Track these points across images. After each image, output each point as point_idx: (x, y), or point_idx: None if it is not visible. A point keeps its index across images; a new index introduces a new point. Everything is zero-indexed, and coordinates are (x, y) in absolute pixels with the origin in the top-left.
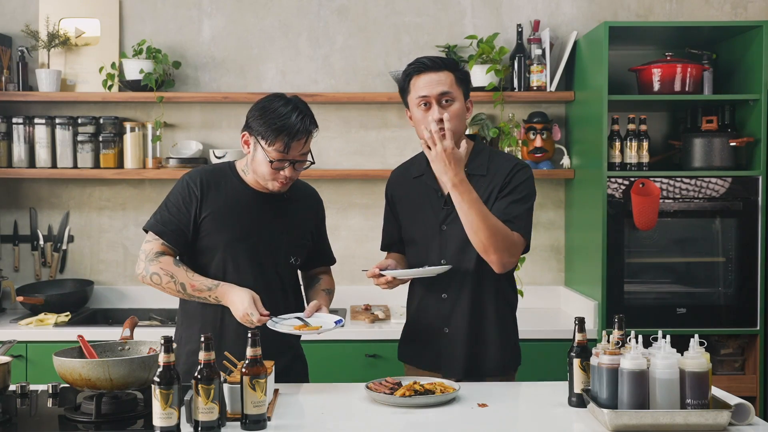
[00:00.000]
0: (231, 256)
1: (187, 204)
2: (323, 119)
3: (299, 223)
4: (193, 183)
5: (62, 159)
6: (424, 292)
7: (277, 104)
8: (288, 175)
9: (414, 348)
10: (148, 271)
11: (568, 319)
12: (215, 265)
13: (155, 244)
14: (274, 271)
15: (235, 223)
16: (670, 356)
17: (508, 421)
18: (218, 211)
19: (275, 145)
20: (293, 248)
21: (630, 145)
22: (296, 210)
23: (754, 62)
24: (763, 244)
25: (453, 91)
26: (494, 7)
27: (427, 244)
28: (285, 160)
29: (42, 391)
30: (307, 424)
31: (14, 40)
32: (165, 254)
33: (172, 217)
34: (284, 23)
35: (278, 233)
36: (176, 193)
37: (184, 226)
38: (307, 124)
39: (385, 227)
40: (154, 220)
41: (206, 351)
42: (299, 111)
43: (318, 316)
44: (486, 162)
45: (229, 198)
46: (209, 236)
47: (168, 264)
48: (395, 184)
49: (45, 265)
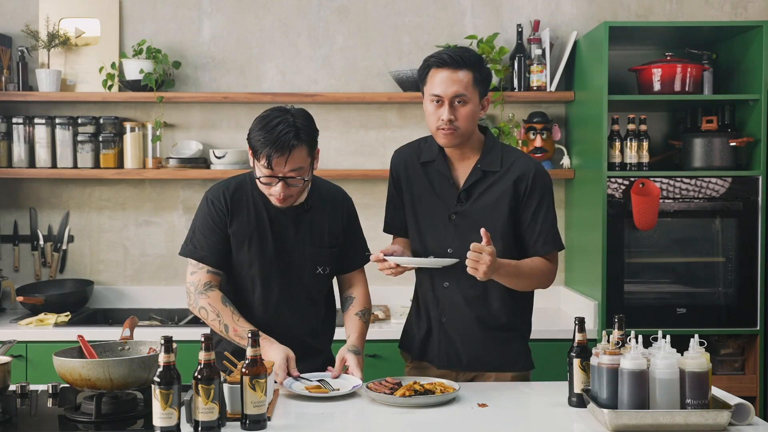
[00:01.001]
0: (256, 272)
1: (218, 223)
2: (323, 119)
3: (323, 233)
4: (218, 201)
5: (62, 159)
6: (427, 279)
7: (271, 116)
8: (279, 191)
9: (410, 337)
10: (198, 303)
11: (568, 319)
12: (243, 283)
13: (201, 274)
14: (300, 284)
15: (259, 238)
16: (670, 356)
17: (508, 421)
18: (241, 229)
19: (261, 161)
20: (318, 259)
21: (630, 145)
22: (319, 219)
23: (754, 62)
24: (763, 244)
25: (467, 93)
26: (494, 7)
27: (434, 233)
28: (272, 177)
29: (42, 391)
30: (307, 424)
31: (14, 40)
32: (213, 286)
33: (208, 239)
34: (284, 23)
35: (301, 246)
36: (204, 215)
37: (222, 246)
38: (288, 139)
39: (389, 208)
40: (192, 246)
41: (206, 351)
42: (287, 125)
43: (341, 377)
44: (499, 158)
45: (251, 214)
46: (236, 253)
47: (216, 301)
48: (402, 164)
49: (45, 265)
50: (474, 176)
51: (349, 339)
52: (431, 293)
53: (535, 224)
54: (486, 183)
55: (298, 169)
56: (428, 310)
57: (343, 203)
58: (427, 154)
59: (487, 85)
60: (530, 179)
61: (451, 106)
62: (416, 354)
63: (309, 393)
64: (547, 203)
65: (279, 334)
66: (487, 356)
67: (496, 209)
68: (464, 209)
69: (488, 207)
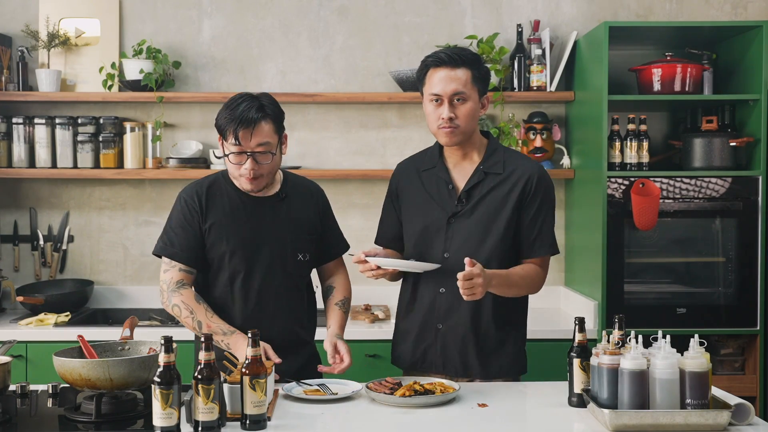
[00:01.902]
0: (237, 263)
1: (190, 220)
2: (323, 119)
3: (301, 220)
4: (191, 198)
5: (62, 159)
6: (420, 285)
7: (235, 98)
8: (249, 168)
9: (403, 345)
10: (171, 301)
11: (568, 319)
12: (224, 275)
13: (173, 272)
14: (283, 272)
15: (236, 230)
16: (670, 356)
17: (508, 421)
18: (218, 222)
19: (229, 139)
20: (298, 245)
21: (630, 145)
22: (295, 207)
23: (754, 62)
24: (763, 244)
25: (466, 91)
26: (494, 7)
27: (432, 237)
28: (242, 153)
29: (42, 391)
30: (307, 424)
31: (14, 40)
32: (185, 284)
33: (180, 237)
34: (284, 23)
35: (281, 233)
36: (177, 213)
37: (194, 243)
38: (252, 113)
39: (384, 220)
40: (162, 244)
41: (206, 351)
42: (249, 101)
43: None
44: (501, 160)
45: (227, 207)
46: (213, 248)
47: (189, 298)
48: (402, 176)
49: (45, 265)
50: (476, 178)
51: (331, 328)
52: (426, 300)
53: (534, 226)
54: (487, 185)
55: (266, 143)
56: (425, 316)
57: (317, 194)
58: (428, 162)
59: (486, 83)
60: (534, 183)
61: (451, 105)
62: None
63: (308, 396)
64: (547, 207)
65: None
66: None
67: (497, 214)
68: (463, 212)
69: (488, 211)
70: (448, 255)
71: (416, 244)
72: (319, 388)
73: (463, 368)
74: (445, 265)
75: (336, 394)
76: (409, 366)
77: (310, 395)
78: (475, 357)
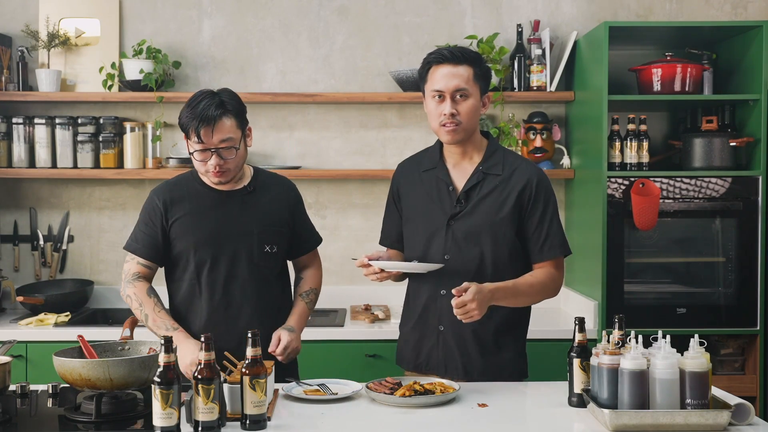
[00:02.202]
0: (203, 256)
1: (153, 218)
2: (323, 119)
3: (269, 213)
4: (156, 197)
5: (62, 159)
6: (421, 287)
7: (194, 97)
8: (214, 164)
9: (406, 347)
10: (125, 291)
11: (568, 319)
12: (191, 268)
13: (132, 264)
14: (250, 263)
15: (201, 223)
16: (670, 356)
17: (508, 421)
18: (184, 217)
19: (192, 137)
20: (266, 237)
21: (630, 145)
22: (264, 200)
23: (754, 62)
24: (763, 244)
25: (468, 87)
26: (494, 7)
27: (432, 238)
28: (206, 150)
29: (42, 391)
30: (307, 424)
31: (14, 40)
32: (141, 276)
33: (143, 233)
34: (284, 23)
35: (247, 225)
36: (144, 210)
37: (154, 239)
38: (212, 110)
39: (386, 221)
40: (129, 240)
41: (206, 351)
42: (209, 98)
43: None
44: (501, 161)
45: (193, 202)
46: (179, 241)
47: (141, 291)
48: (402, 176)
49: (45, 265)
50: (475, 178)
51: (288, 319)
52: (427, 302)
53: (541, 230)
54: (486, 187)
55: (228, 139)
56: (426, 318)
57: (290, 190)
58: (428, 162)
59: (487, 82)
60: (534, 186)
61: (453, 101)
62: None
63: (308, 396)
64: (551, 209)
65: (231, 316)
66: (484, 365)
67: (496, 214)
68: (463, 213)
69: (487, 212)
70: (449, 257)
71: (417, 245)
72: (319, 388)
73: (464, 371)
74: (446, 266)
75: (336, 394)
76: (413, 368)
77: (310, 395)
78: (477, 359)
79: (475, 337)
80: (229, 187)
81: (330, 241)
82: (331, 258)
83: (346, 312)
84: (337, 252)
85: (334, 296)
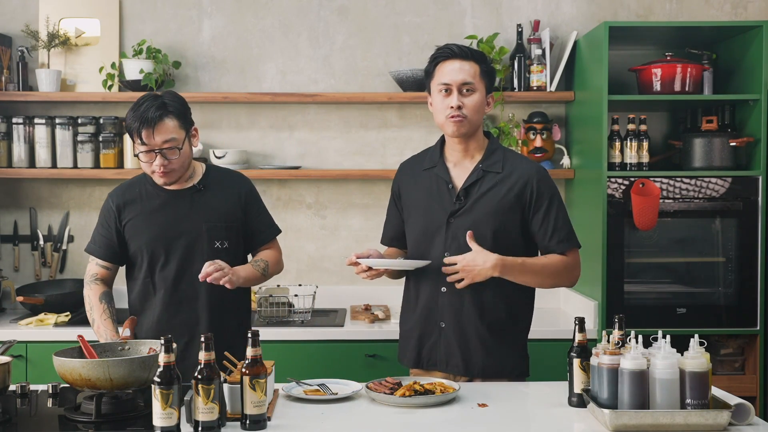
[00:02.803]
0: (155, 253)
1: (108, 220)
2: (323, 119)
3: (218, 209)
4: (110, 199)
5: (62, 159)
6: (422, 284)
7: (139, 100)
8: (158, 164)
9: (408, 346)
10: (84, 292)
11: (568, 319)
12: (144, 267)
13: (92, 265)
14: (201, 259)
15: (151, 223)
16: (670, 356)
17: (508, 421)
18: (135, 218)
19: (135, 139)
20: (215, 233)
21: (630, 145)
22: (214, 197)
23: (754, 62)
24: (763, 244)
25: (475, 82)
26: (494, 7)
27: (432, 236)
28: (149, 151)
29: (42, 391)
30: (307, 424)
31: (14, 40)
32: (99, 278)
33: (100, 235)
34: (284, 23)
35: (196, 222)
36: (101, 213)
37: (110, 241)
38: (152, 112)
39: (388, 220)
40: (89, 242)
41: (206, 351)
42: (153, 102)
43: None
44: (501, 160)
45: (144, 203)
46: (133, 241)
47: (94, 294)
48: (404, 175)
49: (45, 265)
50: (474, 176)
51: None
52: (427, 299)
53: (547, 225)
54: (486, 184)
55: (171, 140)
56: (427, 315)
57: (241, 185)
58: (429, 161)
59: (491, 80)
60: (535, 183)
61: (460, 94)
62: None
63: (308, 396)
64: (556, 203)
65: (184, 311)
66: (485, 361)
67: (495, 212)
68: (462, 210)
69: (487, 209)
70: (449, 254)
71: (418, 243)
72: (319, 388)
73: (465, 366)
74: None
75: (336, 394)
76: (414, 365)
77: (310, 395)
78: (478, 355)
79: (477, 333)
80: (178, 186)
81: (330, 241)
82: (331, 258)
83: (346, 312)
84: (337, 252)
85: (334, 296)
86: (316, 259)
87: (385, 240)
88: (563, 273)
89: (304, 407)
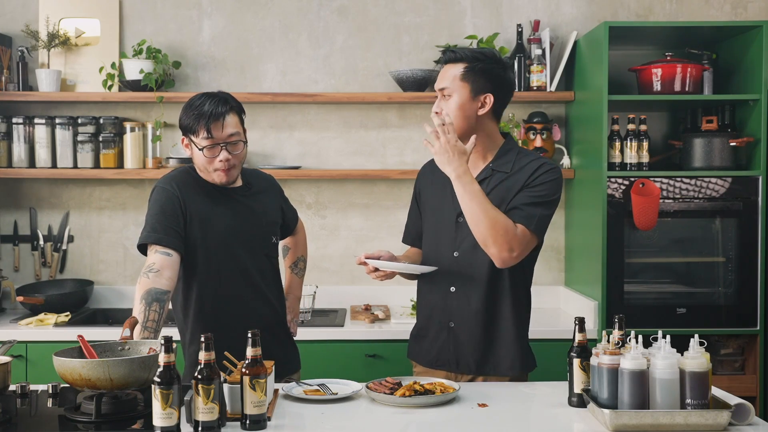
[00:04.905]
0: (226, 248)
1: (172, 206)
2: (323, 119)
3: (270, 207)
4: (171, 187)
5: (62, 159)
6: (432, 285)
7: (195, 99)
8: (224, 158)
9: (419, 344)
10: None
11: (568, 319)
12: (212, 260)
13: (150, 255)
14: (263, 254)
15: (219, 218)
16: (670, 356)
17: (508, 421)
18: (200, 211)
19: (200, 134)
20: (272, 229)
21: (630, 145)
22: (264, 197)
23: (754, 62)
24: (763, 244)
25: (451, 86)
26: (494, 7)
27: (442, 236)
28: (215, 145)
29: (42, 391)
30: (307, 424)
31: (14, 40)
32: (154, 270)
33: (162, 221)
34: (284, 23)
35: (258, 219)
36: (156, 201)
37: (176, 226)
38: (218, 107)
39: (409, 219)
40: (146, 233)
41: (206, 351)
42: (212, 98)
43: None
44: (512, 160)
45: (204, 197)
46: (197, 235)
47: (142, 288)
48: (423, 176)
49: (45, 265)
50: (483, 174)
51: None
52: (437, 299)
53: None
54: (493, 182)
55: (236, 133)
56: (437, 315)
57: (273, 182)
58: None
59: (486, 78)
60: (534, 173)
61: (443, 99)
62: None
63: (308, 396)
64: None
65: (253, 306)
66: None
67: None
68: None
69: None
70: (458, 254)
71: (430, 243)
72: (319, 388)
73: (476, 366)
74: (456, 263)
75: (336, 394)
76: (426, 365)
77: (310, 395)
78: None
79: (486, 332)
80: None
81: (330, 241)
82: (331, 258)
83: (346, 312)
84: (337, 252)
85: (334, 296)
86: (317, 259)
87: (407, 239)
88: (501, 232)
89: (304, 407)
